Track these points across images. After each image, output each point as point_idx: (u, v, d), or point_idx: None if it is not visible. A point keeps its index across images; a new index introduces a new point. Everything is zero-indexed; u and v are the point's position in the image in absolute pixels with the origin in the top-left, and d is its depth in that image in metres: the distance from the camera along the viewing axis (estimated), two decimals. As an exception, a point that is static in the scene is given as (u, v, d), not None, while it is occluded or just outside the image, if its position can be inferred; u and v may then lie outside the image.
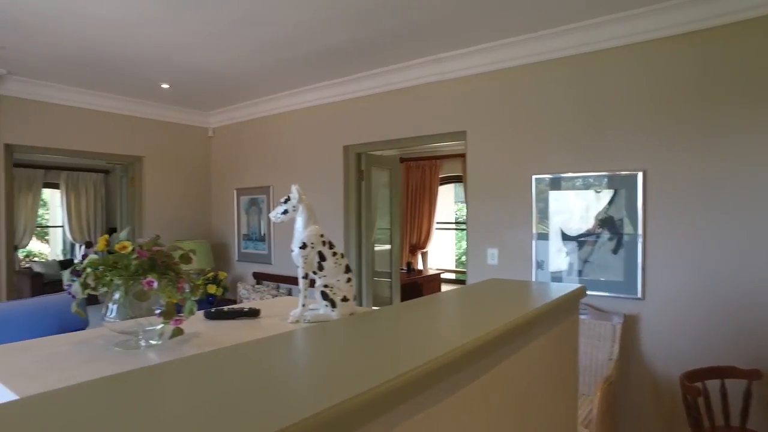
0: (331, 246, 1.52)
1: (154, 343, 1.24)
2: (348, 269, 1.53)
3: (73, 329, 3.78)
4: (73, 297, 1.21)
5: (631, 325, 3.10)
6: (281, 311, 1.66)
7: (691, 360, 2.85)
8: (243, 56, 3.77)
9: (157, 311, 1.25)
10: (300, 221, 1.51)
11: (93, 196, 9.34)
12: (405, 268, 6.73)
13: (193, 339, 1.32)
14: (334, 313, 1.48)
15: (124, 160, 5.32)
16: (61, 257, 10.14)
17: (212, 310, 1.53)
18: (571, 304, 1.44)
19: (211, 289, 4.92)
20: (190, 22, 3.14)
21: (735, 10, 2.71)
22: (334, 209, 4.60)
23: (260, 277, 5.19)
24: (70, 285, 1.18)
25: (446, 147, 7.40)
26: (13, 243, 4.59)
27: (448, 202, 8.90)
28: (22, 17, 3.07)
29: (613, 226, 3.20)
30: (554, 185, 3.42)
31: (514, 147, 3.59)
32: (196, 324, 1.49)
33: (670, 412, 2.97)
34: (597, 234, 3.26)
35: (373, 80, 4.23)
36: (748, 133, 2.72)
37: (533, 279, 3.54)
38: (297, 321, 1.48)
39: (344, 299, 1.49)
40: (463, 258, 10.17)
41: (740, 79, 2.74)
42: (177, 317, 1.18)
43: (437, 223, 7.91)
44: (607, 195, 3.22)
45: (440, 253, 8.87)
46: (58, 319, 3.62)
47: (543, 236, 3.48)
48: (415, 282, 6.28)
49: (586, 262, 3.32)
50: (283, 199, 1.52)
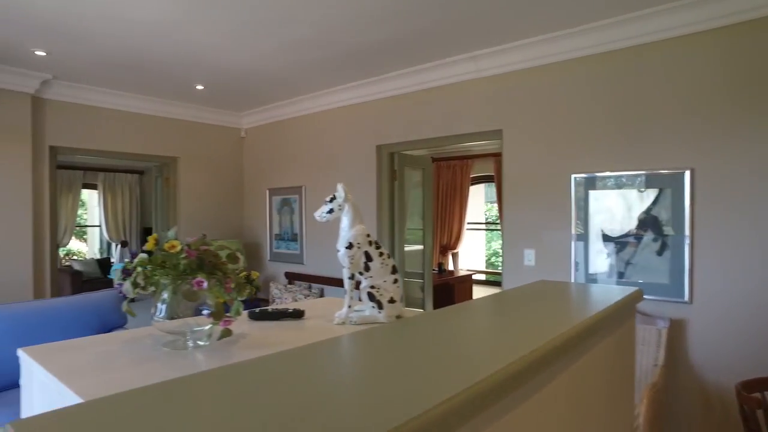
0: (378, 246, 1.49)
1: (202, 344, 1.23)
2: (395, 270, 1.49)
3: (113, 326, 3.87)
4: (124, 296, 1.20)
5: (677, 329, 2.97)
6: (325, 312, 1.64)
7: (745, 369, 2.71)
8: (277, 56, 3.79)
9: (204, 312, 1.24)
10: (346, 221, 1.48)
11: (128, 197, 9.59)
12: (436, 269, 6.67)
13: (240, 340, 1.31)
14: (381, 315, 1.45)
15: (159, 160, 5.42)
16: (98, 256, 10.44)
17: (257, 311, 1.52)
18: (629, 308, 1.37)
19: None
20: (225, 23, 3.16)
21: (793, 0, 2.58)
22: (366, 209, 4.57)
23: (292, 277, 5.22)
24: (121, 284, 1.18)
25: (477, 146, 7.31)
26: (56, 242, 4.73)
27: (478, 203, 8.80)
28: (67, 24, 3.14)
29: (657, 226, 3.08)
30: (594, 185, 3.32)
31: (552, 146, 3.50)
32: (240, 325, 1.48)
33: (723, 422, 2.84)
34: (640, 235, 3.15)
35: (406, 79, 4.20)
36: (807, 128, 2.57)
37: (572, 281, 3.44)
38: (343, 322, 1.45)
39: (391, 300, 1.46)
40: (493, 259, 10.07)
41: (798, 72, 2.60)
42: (226, 318, 1.16)
43: (468, 223, 7.81)
44: (651, 194, 3.11)
45: (470, 254, 8.77)
46: (99, 316, 3.71)
47: (582, 237, 3.38)
48: (447, 283, 6.21)
49: (628, 263, 3.21)
50: (328, 198, 1.50)
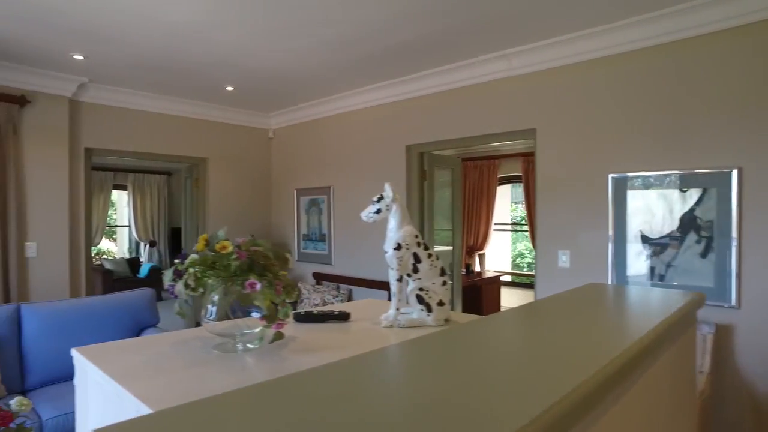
0: (426, 247, 1.45)
1: (252, 347, 1.22)
2: (443, 272, 1.46)
3: (145, 325, 3.91)
4: (176, 297, 1.20)
5: (724, 335, 2.86)
6: (370, 314, 1.61)
7: (797, 375, 2.60)
8: (308, 57, 3.79)
9: (254, 314, 1.22)
10: (393, 221, 1.45)
11: (157, 197, 9.76)
12: (464, 270, 6.60)
13: (290, 343, 1.29)
14: (430, 318, 1.41)
15: (189, 161, 5.48)
16: (127, 255, 10.64)
17: (302, 313, 1.50)
18: (692, 314, 1.31)
19: (273, 288, 4.98)
20: (258, 24, 3.17)
21: None
22: (395, 210, 4.54)
23: (320, 278, 5.22)
24: (172, 285, 1.17)
25: (505, 146, 7.21)
26: (90, 241, 4.82)
27: (504, 203, 8.69)
28: (105, 28, 3.20)
29: (700, 227, 2.97)
30: (633, 184, 3.23)
31: (588, 145, 3.41)
32: (286, 327, 1.46)
33: (772, 431, 2.72)
34: (681, 236, 3.05)
35: (437, 78, 4.15)
36: None
37: (609, 283, 3.35)
38: (390, 325, 1.42)
39: (440, 303, 1.42)
40: (518, 260, 9.93)
41: None
42: (279, 321, 1.14)
43: (494, 224, 7.73)
44: (694, 194, 3.00)
45: (496, 255, 8.68)
46: (132, 315, 3.76)
47: (620, 238, 3.29)
48: (475, 284, 6.14)
49: (669, 266, 3.11)
50: (375, 198, 1.47)
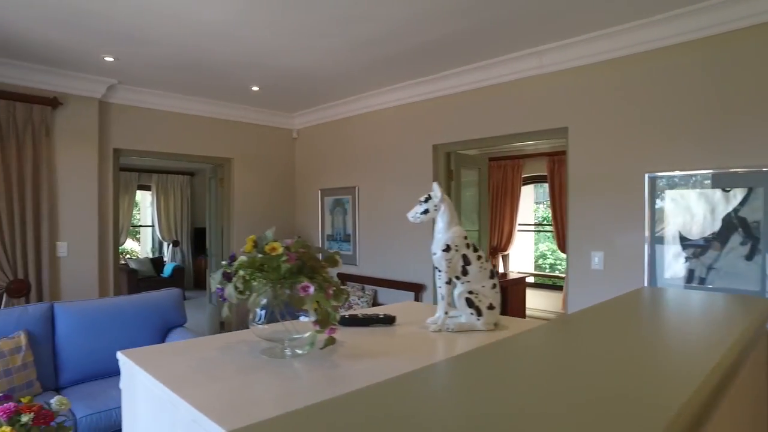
0: (476, 249, 1.40)
1: (300, 352, 1.18)
2: (493, 274, 1.41)
3: (173, 325, 3.93)
4: (224, 300, 1.16)
5: (770, 340, 2.74)
6: (415, 318, 1.57)
7: None
8: (335, 56, 3.76)
9: (302, 317, 1.19)
10: (441, 222, 1.40)
11: (180, 197, 9.86)
12: (486, 271, 6.50)
13: (339, 348, 1.25)
14: (480, 322, 1.36)
15: (214, 161, 5.51)
16: (150, 255, 10.78)
17: (346, 316, 1.46)
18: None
19: (298, 288, 4.97)
20: (288, 23, 3.15)
21: None
22: (421, 210, 4.50)
23: (345, 278, 5.19)
24: (221, 288, 1.14)
25: (529, 146, 7.11)
26: (118, 241, 4.87)
27: (527, 204, 8.57)
28: (136, 29, 3.21)
29: (746, 228, 2.86)
30: (671, 184, 3.12)
31: (623, 143, 3.32)
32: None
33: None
34: (724, 238, 2.94)
35: (466, 76, 4.09)
36: None
37: (646, 285, 3.25)
38: (439, 330, 1.38)
39: (490, 307, 1.37)
40: (540, 261, 9.78)
41: None
42: (332, 325, 1.10)
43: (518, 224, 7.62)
44: (738, 194, 2.89)
45: (519, 256, 8.56)
46: (160, 315, 3.78)
47: (657, 239, 3.19)
48: (500, 286, 6.03)
49: (710, 268, 3.00)
50: (423, 198, 1.43)
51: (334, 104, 5.22)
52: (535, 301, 7.54)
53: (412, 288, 4.46)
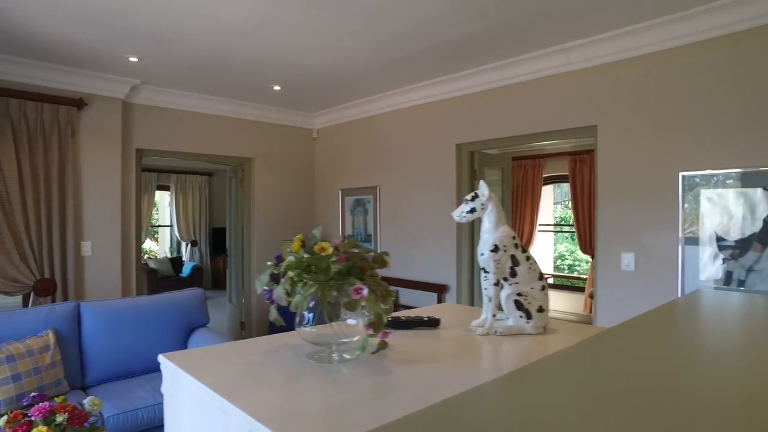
0: (524, 249, 1.35)
1: (348, 357, 1.14)
2: (541, 276, 1.35)
3: (196, 325, 3.92)
4: (272, 302, 1.13)
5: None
6: (458, 320, 1.52)
7: None
8: (359, 54, 3.72)
9: (349, 321, 1.14)
10: (488, 221, 1.35)
11: (198, 198, 9.91)
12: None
13: (388, 353, 1.20)
14: (529, 326, 1.31)
15: (235, 161, 5.51)
16: (168, 255, 10.87)
17: (389, 318, 1.42)
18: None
19: (319, 289, 4.95)
20: (312, 22, 3.11)
21: None
22: (445, 210, 4.44)
23: (365, 279, 5.15)
24: (269, 290, 1.10)
25: (551, 145, 7.01)
26: (140, 241, 4.90)
27: (546, 204, 8.46)
28: (160, 29, 3.21)
29: (789, 229, 2.76)
30: (707, 183, 3.03)
31: (656, 141, 3.23)
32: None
33: None
34: (766, 239, 2.83)
35: (490, 74, 4.02)
36: None
37: (679, 288, 3.16)
38: (487, 333, 1.33)
39: (540, 309, 1.32)
40: (558, 262, 9.65)
41: None
42: (385, 329, 1.06)
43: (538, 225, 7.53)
44: (780, 193, 2.79)
45: (539, 257, 8.45)
46: (184, 315, 3.77)
47: (692, 240, 3.09)
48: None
49: (750, 270, 2.90)
50: (469, 197, 1.38)
51: (356, 103, 5.19)
52: (556, 303, 7.43)
53: (435, 289, 4.41)
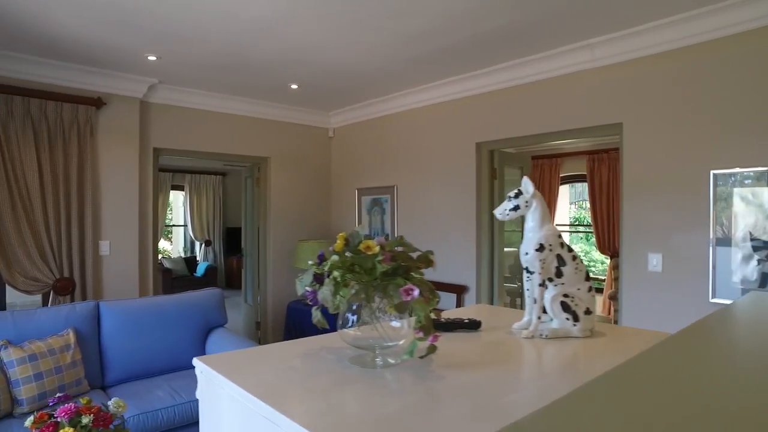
0: (570, 249, 1.29)
1: (392, 361, 1.09)
2: (588, 277, 1.29)
3: (214, 325, 3.89)
4: (314, 304, 1.07)
5: None
6: (499, 323, 1.46)
7: None
8: (381, 51, 3.67)
9: (393, 323, 1.09)
10: (532, 219, 1.30)
11: (212, 197, 9.93)
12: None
13: (433, 357, 1.14)
14: (576, 328, 1.25)
15: (252, 160, 5.49)
16: (182, 254, 10.90)
17: (426, 319, 1.36)
18: None
19: (335, 289, 4.91)
20: (332, 17, 3.07)
21: None
22: (465, 209, 4.38)
23: (382, 279, 5.10)
24: (312, 291, 1.05)
25: (568, 144, 6.90)
26: (157, 241, 4.89)
27: (562, 204, 8.36)
28: (180, 27, 3.18)
29: (827, 229, 2.66)
30: (741, 181, 2.94)
31: (685, 139, 3.14)
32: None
33: None
34: (802, 239, 2.74)
35: (512, 71, 3.96)
36: None
37: (710, 290, 3.07)
38: (532, 336, 1.27)
39: (587, 312, 1.26)
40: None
41: None
42: (435, 333, 1.00)
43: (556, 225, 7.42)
44: (818, 192, 2.70)
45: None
46: (202, 315, 3.75)
47: (724, 241, 3.00)
48: (539, 288, 5.87)
49: (786, 272, 2.81)
50: (512, 193, 1.32)
51: (373, 102, 5.14)
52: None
53: (455, 290, 4.35)
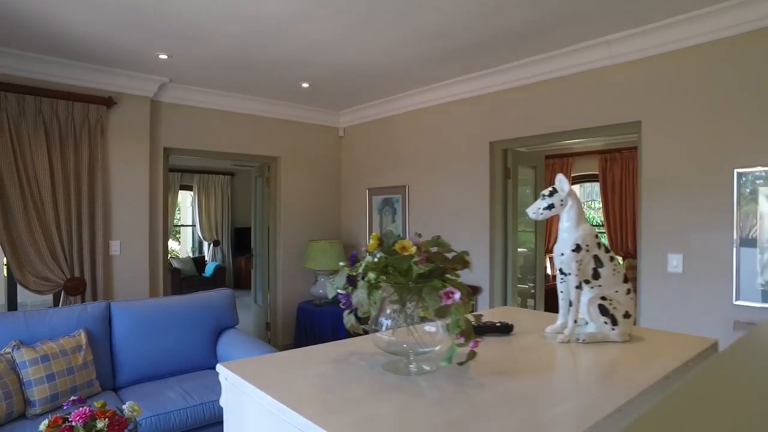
0: (607, 249, 1.24)
1: (428, 368, 1.03)
2: (626, 278, 1.23)
3: (226, 326, 3.85)
4: (347, 308, 1.02)
5: None
6: (529, 326, 1.40)
7: None
8: (393, 48, 3.61)
9: (428, 328, 1.04)
10: (568, 219, 1.24)
11: (220, 197, 9.91)
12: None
13: (470, 363, 1.09)
14: (614, 333, 1.19)
15: (262, 160, 5.45)
16: (190, 254, 10.89)
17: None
18: None
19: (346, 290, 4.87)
20: (349, 14, 3.02)
21: None
22: (478, 209, 4.32)
23: (393, 279, 5.05)
24: (346, 294, 1.00)
25: (579, 143, 6.83)
26: (167, 241, 4.87)
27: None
28: (192, 26, 3.15)
29: None
30: (767, 180, 2.86)
31: (706, 136, 3.07)
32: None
33: None
34: (829, 240, 2.66)
35: (527, 69, 3.89)
36: None
37: (734, 291, 3.00)
38: (568, 340, 1.21)
39: (626, 315, 1.20)
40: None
41: None
42: (476, 338, 0.95)
43: (566, 225, 7.34)
44: None
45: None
46: (214, 316, 3.71)
47: (748, 242, 2.93)
48: (553, 288, 5.80)
49: (813, 274, 2.73)
50: (546, 192, 1.27)
51: (384, 100, 5.08)
52: (585, 306, 7.25)
53: (468, 290, 4.28)
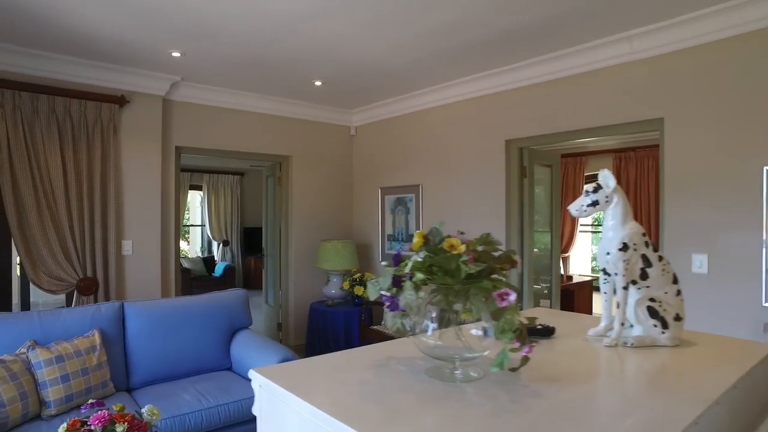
0: (655, 249, 1.17)
1: (474, 375, 0.98)
2: (676, 279, 1.17)
3: (239, 326, 3.80)
4: (393, 310, 0.96)
5: None
6: (572, 329, 1.34)
7: None
8: (407, 45, 3.55)
9: (473, 332, 0.98)
10: (613, 217, 1.18)
11: (230, 197, 9.89)
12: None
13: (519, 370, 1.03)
14: (665, 336, 1.13)
15: (274, 159, 5.41)
16: (200, 254, 10.89)
17: (492, 324, 1.25)
18: None
19: (359, 291, 4.82)
20: (364, 11, 2.97)
21: None
22: (494, 209, 4.26)
23: (406, 280, 4.99)
24: (390, 297, 0.94)
25: (593, 142, 6.74)
26: (179, 240, 4.83)
27: (586, 203, 8.20)
28: (205, 23, 3.11)
29: None
30: (797, 178, 2.78)
31: (733, 133, 2.98)
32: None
33: None
34: None
35: (544, 66, 3.82)
36: None
37: (763, 293, 2.92)
38: (615, 344, 1.15)
39: (677, 318, 1.13)
40: (594, 263, 9.33)
41: None
42: (532, 342, 0.89)
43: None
44: None
45: (577, 258, 8.20)
46: (228, 316, 3.66)
47: (777, 241, 2.85)
48: (567, 289, 5.73)
49: None
50: (590, 188, 1.20)
51: (397, 99, 5.02)
52: (597, 306, 7.15)
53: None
